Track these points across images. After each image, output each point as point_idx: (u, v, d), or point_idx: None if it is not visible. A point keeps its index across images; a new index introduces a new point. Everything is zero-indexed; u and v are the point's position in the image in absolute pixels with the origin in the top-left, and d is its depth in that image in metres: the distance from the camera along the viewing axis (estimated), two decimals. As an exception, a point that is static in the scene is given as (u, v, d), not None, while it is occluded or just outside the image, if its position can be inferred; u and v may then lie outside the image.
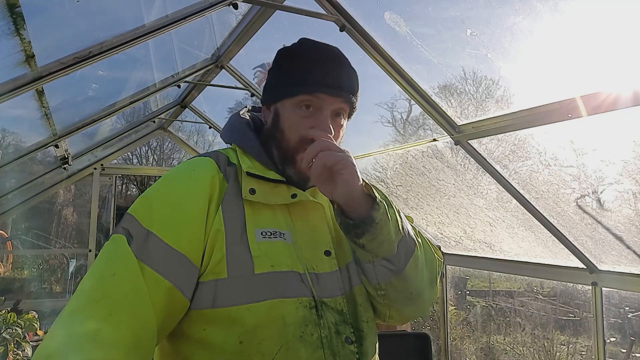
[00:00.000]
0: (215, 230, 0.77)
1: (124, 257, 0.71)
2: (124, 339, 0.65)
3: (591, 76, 1.48)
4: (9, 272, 5.20)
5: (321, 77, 0.85)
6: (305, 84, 0.84)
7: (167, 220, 0.76)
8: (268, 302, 0.75)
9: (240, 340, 0.74)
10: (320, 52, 0.88)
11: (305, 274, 0.80)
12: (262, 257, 0.78)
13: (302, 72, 0.86)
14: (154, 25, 1.86)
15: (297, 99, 0.85)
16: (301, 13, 1.90)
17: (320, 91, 0.84)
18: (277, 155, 0.88)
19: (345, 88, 0.87)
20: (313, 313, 0.78)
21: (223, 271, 0.75)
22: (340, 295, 0.83)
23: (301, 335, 0.75)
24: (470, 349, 6.31)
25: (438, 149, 2.32)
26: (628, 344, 4.86)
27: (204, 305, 0.75)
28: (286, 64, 0.90)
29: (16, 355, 2.41)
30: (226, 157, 0.89)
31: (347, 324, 0.81)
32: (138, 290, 0.69)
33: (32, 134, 2.67)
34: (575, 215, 1.97)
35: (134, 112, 3.91)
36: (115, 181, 5.04)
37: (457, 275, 7.47)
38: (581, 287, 4.27)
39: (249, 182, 0.84)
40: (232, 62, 2.92)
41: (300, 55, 0.89)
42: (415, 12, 1.77)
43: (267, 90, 0.93)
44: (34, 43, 1.54)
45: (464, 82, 1.93)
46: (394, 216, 0.82)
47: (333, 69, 0.86)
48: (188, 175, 0.83)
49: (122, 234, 0.74)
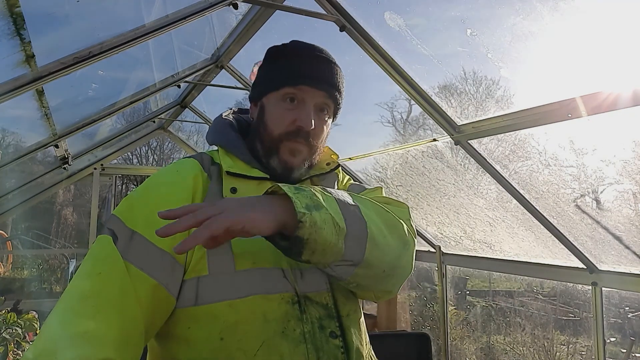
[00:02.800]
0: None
1: (110, 257, 0.72)
2: (113, 336, 0.66)
3: (591, 76, 1.48)
4: (9, 272, 5.20)
5: (305, 69, 0.86)
6: (288, 76, 0.86)
7: (150, 220, 0.75)
8: (249, 298, 0.75)
9: (221, 337, 0.74)
10: (305, 48, 0.90)
11: (288, 269, 0.80)
12: (244, 254, 0.78)
13: (286, 65, 0.87)
14: (154, 25, 1.86)
15: (281, 91, 0.86)
16: (301, 13, 1.90)
17: (304, 83, 0.85)
18: (261, 149, 0.89)
19: (330, 82, 0.88)
20: (295, 308, 0.78)
21: (204, 268, 0.76)
22: (325, 289, 0.83)
23: (283, 331, 0.75)
24: (470, 349, 6.32)
25: (438, 149, 2.32)
26: (628, 344, 4.86)
27: (187, 304, 0.76)
28: (272, 61, 0.91)
29: (16, 355, 2.41)
30: (210, 157, 0.90)
31: (332, 318, 0.80)
32: (124, 288, 0.70)
33: (32, 134, 2.67)
34: (575, 215, 1.97)
35: (134, 112, 3.91)
36: (115, 181, 5.04)
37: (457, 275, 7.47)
38: (581, 287, 4.27)
39: (230, 181, 0.84)
40: (232, 62, 2.92)
41: (285, 51, 0.90)
42: (415, 12, 1.77)
43: (254, 87, 0.94)
44: (34, 43, 1.54)
45: (464, 82, 1.94)
46: (327, 216, 0.71)
47: (317, 63, 0.88)
48: (172, 175, 0.84)
49: (107, 234, 0.75)
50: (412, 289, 5.87)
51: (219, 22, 2.53)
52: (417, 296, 5.90)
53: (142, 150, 12.61)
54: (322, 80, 0.87)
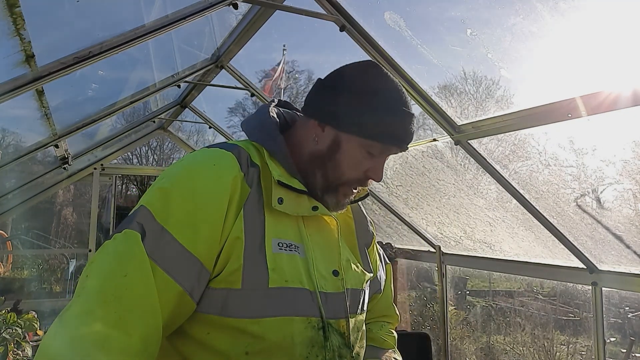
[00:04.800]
0: (234, 238, 0.74)
1: (138, 258, 0.67)
2: (134, 345, 0.63)
3: (591, 76, 1.48)
4: (9, 272, 5.20)
5: (400, 132, 0.82)
6: (383, 135, 0.81)
7: (183, 219, 0.71)
8: (278, 318, 0.74)
9: (247, 351, 0.73)
10: (400, 99, 0.83)
11: (315, 292, 0.78)
12: (277, 271, 0.75)
13: (385, 121, 0.81)
14: (154, 25, 1.86)
15: (369, 143, 0.81)
16: (301, 13, 1.90)
17: (395, 145, 0.83)
18: (322, 182, 0.84)
19: (411, 141, 0.85)
20: (320, 334, 0.77)
21: (237, 281, 0.73)
22: (343, 317, 0.81)
23: (307, 356, 0.75)
24: (470, 348, 6.31)
25: (438, 149, 2.32)
26: (628, 344, 4.86)
27: (212, 311, 0.73)
28: (366, 99, 0.81)
29: (16, 355, 2.41)
30: (248, 155, 0.83)
31: (348, 348, 0.80)
32: (149, 294, 0.66)
33: (32, 134, 2.67)
34: (575, 215, 1.97)
35: (134, 112, 3.91)
36: (115, 181, 5.04)
37: (457, 275, 7.47)
38: (581, 287, 4.27)
39: (279, 190, 0.80)
40: (232, 62, 2.92)
41: (386, 97, 0.82)
42: (415, 12, 1.77)
43: (334, 112, 0.82)
44: (34, 43, 1.54)
45: (464, 82, 1.94)
46: None
47: (409, 124, 0.83)
48: (209, 171, 0.76)
49: (135, 229, 0.69)
50: (412, 289, 5.86)
51: (219, 22, 2.53)
52: (417, 296, 5.89)
53: (142, 150, 12.62)
54: (409, 142, 0.84)
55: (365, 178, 0.84)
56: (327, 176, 0.84)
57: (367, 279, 0.93)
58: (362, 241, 1.00)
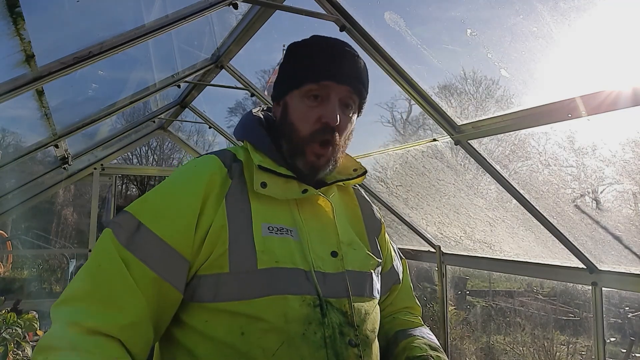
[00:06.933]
0: (219, 226, 0.77)
1: (107, 249, 0.74)
2: (119, 322, 0.69)
3: (591, 76, 1.48)
4: (9, 272, 5.20)
5: (327, 64, 0.84)
6: (310, 72, 0.84)
7: (158, 213, 0.77)
8: (269, 297, 0.75)
9: (242, 332, 0.74)
10: (326, 43, 0.88)
11: (311, 271, 0.80)
12: (266, 252, 0.78)
13: (307, 62, 0.86)
14: (154, 25, 1.86)
15: (304, 89, 0.85)
16: (301, 13, 1.90)
17: (327, 79, 0.83)
18: (287, 149, 0.87)
19: (353, 75, 0.86)
20: (317, 312, 0.77)
21: (225, 265, 0.76)
22: (345, 297, 0.82)
23: (304, 333, 0.75)
24: (470, 349, 6.32)
25: (438, 149, 2.32)
26: (628, 344, 4.86)
27: (206, 299, 0.76)
28: (293, 57, 0.89)
29: (16, 355, 2.41)
30: (233, 154, 0.89)
31: (351, 327, 0.80)
32: (124, 280, 0.71)
33: (32, 134, 2.67)
34: (575, 215, 1.97)
35: (134, 112, 3.91)
36: (115, 181, 5.04)
37: (457, 275, 7.47)
38: (581, 287, 4.28)
39: (261, 175, 0.83)
40: (232, 62, 2.92)
41: (306, 47, 0.89)
42: (415, 12, 1.77)
43: (276, 86, 0.93)
44: (34, 43, 1.54)
45: (464, 82, 1.94)
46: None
47: (339, 57, 0.85)
48: (188, 172, 0.84)
49: (110, 227, 0.76)
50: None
51: (219, 22, 2.53)
52: (417, 296, 5.90)
53: (142, 150, 12.62)
54: (345, 74, 0.85)
55: (322, 126, 0.84)
56: (290, 140, 0.87)
57: (374, 263, 0.93)
58: (370, 227, 1.02)
